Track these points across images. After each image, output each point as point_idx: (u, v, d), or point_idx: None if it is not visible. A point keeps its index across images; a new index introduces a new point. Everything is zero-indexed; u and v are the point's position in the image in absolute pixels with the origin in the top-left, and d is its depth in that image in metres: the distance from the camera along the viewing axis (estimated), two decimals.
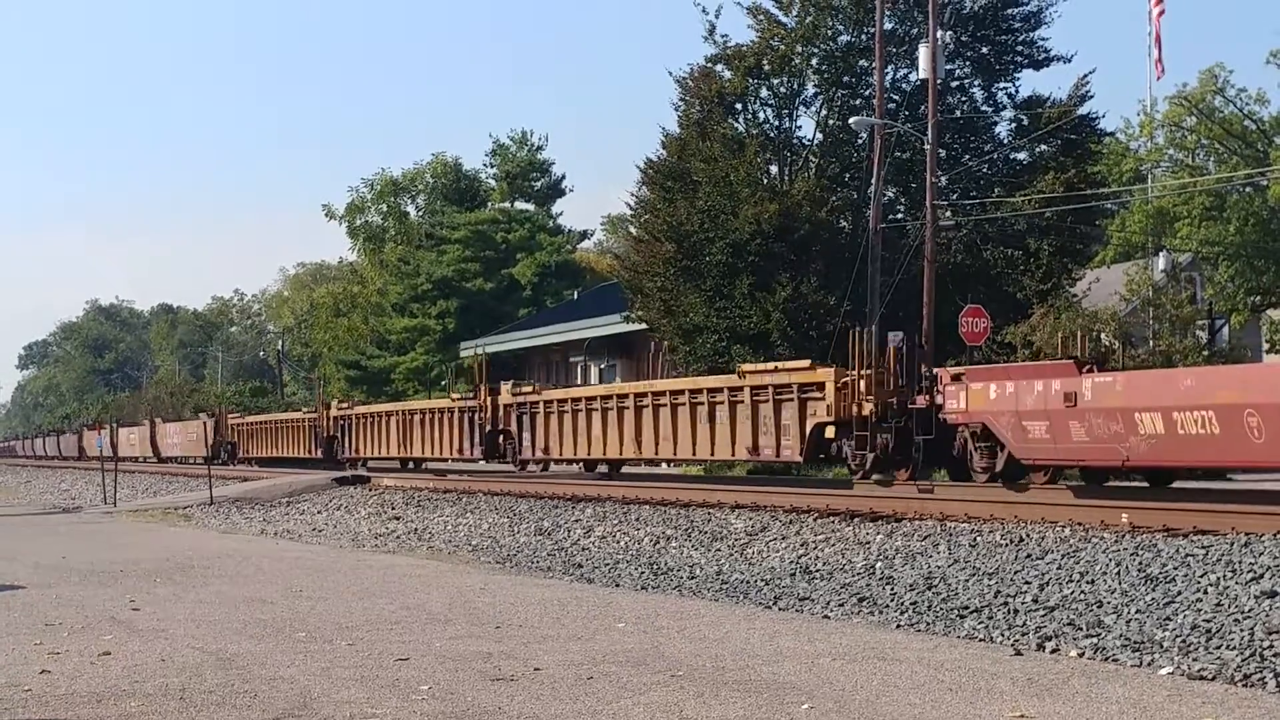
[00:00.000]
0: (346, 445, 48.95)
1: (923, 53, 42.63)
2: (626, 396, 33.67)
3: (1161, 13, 51.68)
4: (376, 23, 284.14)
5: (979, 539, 18.20)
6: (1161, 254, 49.96)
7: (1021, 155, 47.91)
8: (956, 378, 24.48)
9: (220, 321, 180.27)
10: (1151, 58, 52.87)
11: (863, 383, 26.23)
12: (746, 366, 30.58)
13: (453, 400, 42.25)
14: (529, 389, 38.71)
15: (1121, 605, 13.07)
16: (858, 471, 26.58)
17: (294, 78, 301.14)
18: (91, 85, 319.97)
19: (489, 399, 39.20)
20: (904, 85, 48.11)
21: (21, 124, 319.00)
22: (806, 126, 52.41)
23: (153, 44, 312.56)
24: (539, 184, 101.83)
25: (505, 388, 39.24)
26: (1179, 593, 13.29)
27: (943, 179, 44.48)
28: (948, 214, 44.93)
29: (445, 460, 44.82)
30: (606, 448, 34.30)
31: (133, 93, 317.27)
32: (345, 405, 49.28)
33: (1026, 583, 14.78)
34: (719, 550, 20.71)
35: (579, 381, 65.90)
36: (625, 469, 37.90)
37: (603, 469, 36.95)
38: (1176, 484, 22.71)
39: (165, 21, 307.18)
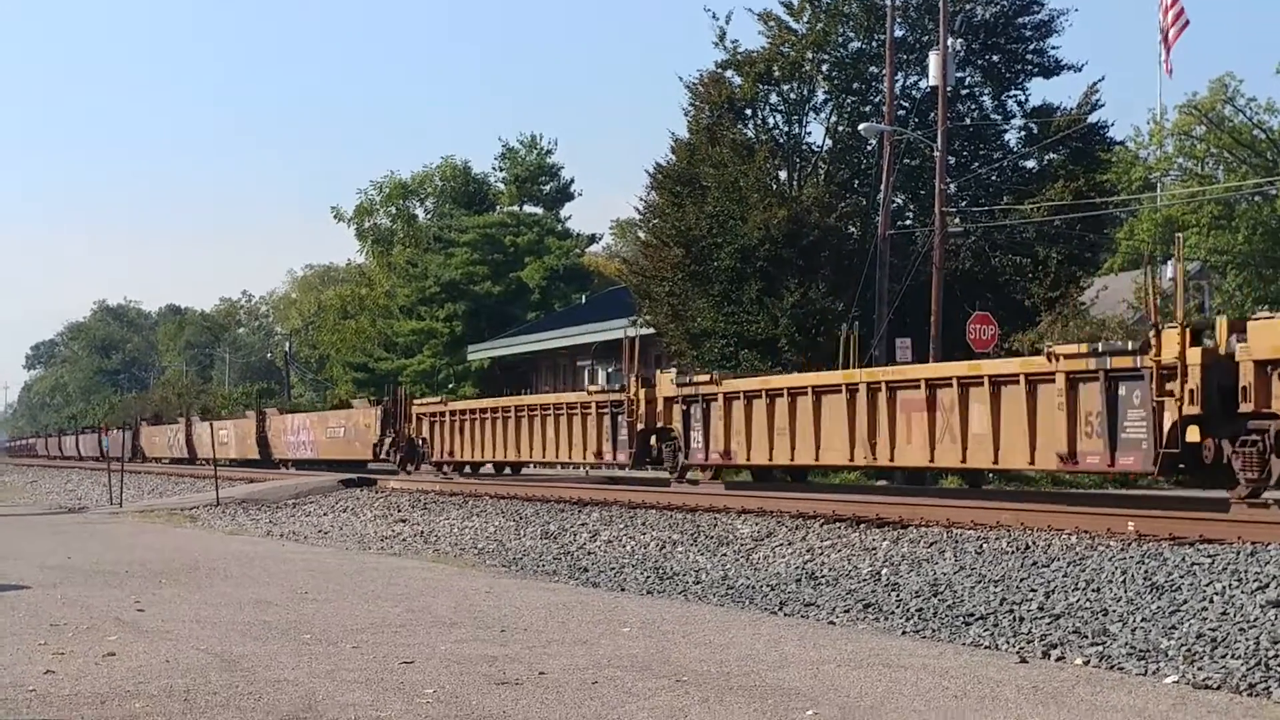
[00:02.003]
0: (701, 443, 31.67)
1: (933, 60, 42.70)
2: None
3: (1185, 24, 51.59)
4: (387, 25, 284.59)
5: (985, 546, 18.20)
6: (1170, 262, 49.93)
7: (1031, 163, 48.05)
8: None
9: (228, 323, 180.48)
10: (1161, 58, 52.90)
11: None
12: None
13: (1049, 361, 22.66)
14: None
15: (1127, 614, 13.05)
16: None
17: (303, 79, 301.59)
18: (99, 84, 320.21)
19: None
20: (914, 92, 48.21)
21: (26, 122, 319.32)
22: (816, 133, 52.59)
23: (162, 44, 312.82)
24: (548, 188, 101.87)
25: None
26: (1185, 601, 13.27)
27: (952, 186, 44.55)
28: (956, 221, 45.01)
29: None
30: None
31: (140, 94, 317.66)
32: (704, 377, 32.14)
33: (1032, 590, 14.76)
34: (725, 555, 20.70)
35: (585, 386, 65.73)
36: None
37: None
38: (1182, 493, 22.62)
39: (173, 23, 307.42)
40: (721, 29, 48.81)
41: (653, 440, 33.98)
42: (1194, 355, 19.92)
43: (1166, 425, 20.25)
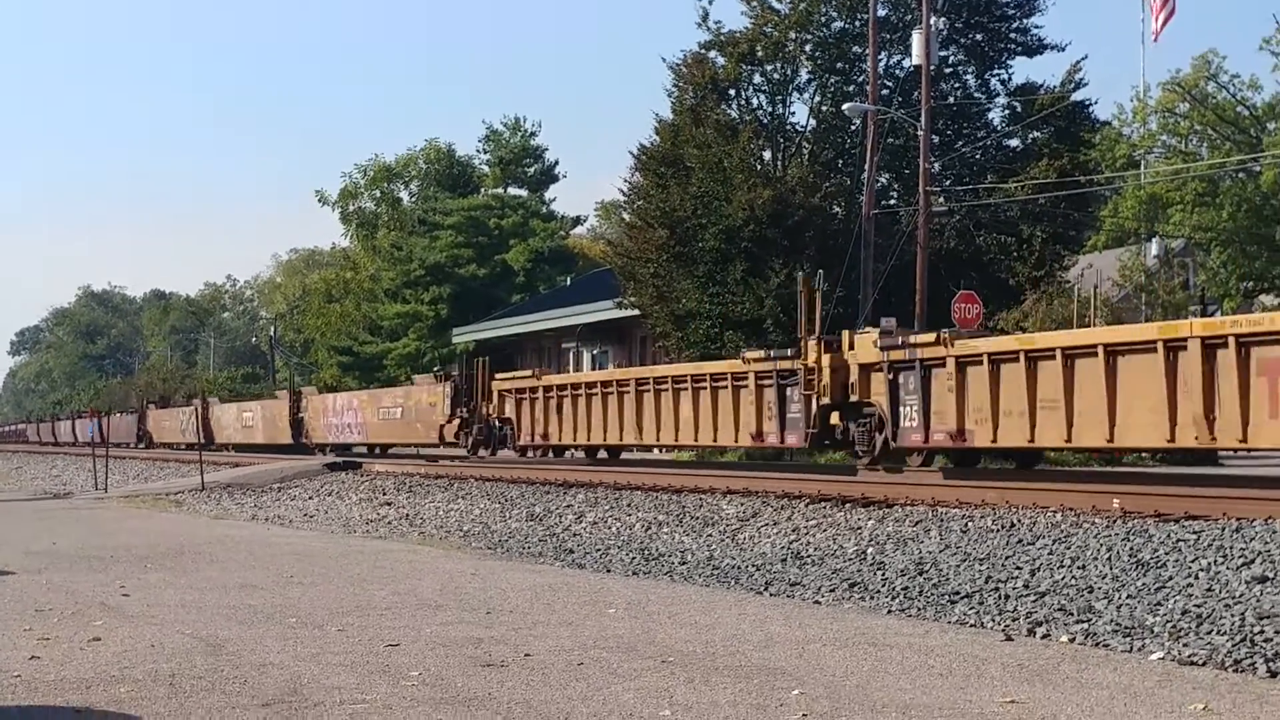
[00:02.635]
0: (919, 421, 25.39)
1: (916, 39, 42.70)
2: None
3: (1172, 10, 51.58)
4: (370, 7, 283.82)
5: (970, 524, 18.21)
6: (1154, 240, 50.04)
7: (1014, 142, 48.09)
8: None
9: (212, 308, 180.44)
10: (1145, 34, 52.94)
11: None
12: None
13: None
14: None
15: (1112, 591, 13.07)
16: None
17: (287, 63, 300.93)
18: (83, 68, 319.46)
19: None
20: (897, 71, 48.22)
21: (11, 106, 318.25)
22: (800, 113, 52.59)
23: (144, 26, 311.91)
24: (532, 170, 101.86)
25: None
26: (1170, 578, 13.29)
27: (936, 165, 44.57)
28: (941, 200, 45.04)
29: None
30: None
31: (123, 77, 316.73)
32: (927, 337, 25.81)
33: (1017, 568, 14.78)
34: (710, 536, 20.71)
35: (570, 369, 65.75)
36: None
37: None
38: (1166, 469, 22.63)
39: (154, 11, 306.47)
40: (704, 9, 48.85)
41: (835, 418, 27.53)
42: None
43: None
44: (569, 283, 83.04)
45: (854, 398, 26.80)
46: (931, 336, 25.41)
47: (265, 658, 9.96)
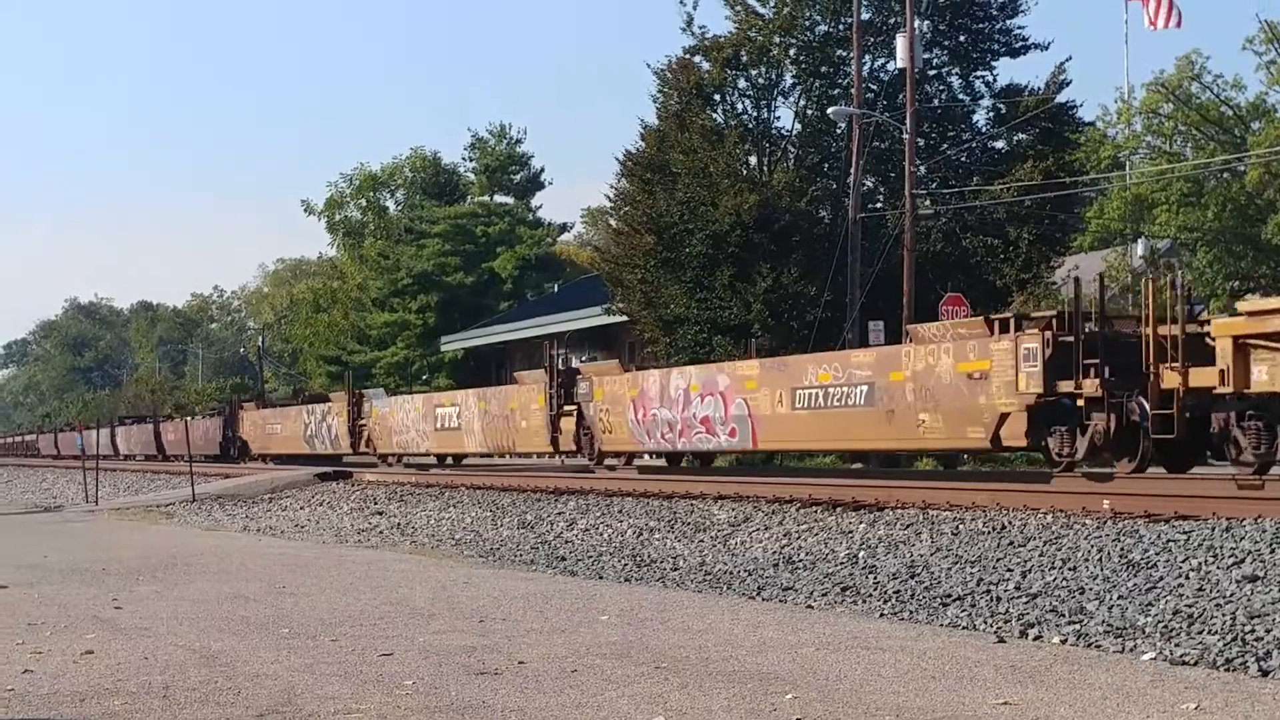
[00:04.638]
0: None
1: (900, 42, 42.73)
2: None
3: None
4: (355, 15, 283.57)
5: (961, 527, 18.24)
6: (1140, 240, 50.11)
7: (1000, 144, 48.13)
8: None
9: (200, 318, 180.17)
10: (1132, 27, 53.04)
11: None
12: None
13: None
14: None
15: (1103, 591, 13.09)
16: None
17: (272, 72, 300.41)
18: (68, 79, 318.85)
19: None
20: (882, 75, 48.26)
21: None
22: (785, 117, 52.66)
23: (128, 36, 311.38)
24: (518, 177, 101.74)
25: None
26: (1161, 578, 13.32)
27: (921, 168, 44.60)
28: (927, 203, 45.06)
29: None
30: None
31: (107, 88, 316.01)
32: None
33: (1009, 570, 14.81)
34: (702, 541, 20.71)
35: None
36: None
37: None
38: (1152, 471, 22.60)
39: (143, 14, 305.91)
40: (689, 14, 48.85)
41: None
42: None
43: None
44: (556, 289, 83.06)
45: None
46: None
47: (259, 668, 9.96)
